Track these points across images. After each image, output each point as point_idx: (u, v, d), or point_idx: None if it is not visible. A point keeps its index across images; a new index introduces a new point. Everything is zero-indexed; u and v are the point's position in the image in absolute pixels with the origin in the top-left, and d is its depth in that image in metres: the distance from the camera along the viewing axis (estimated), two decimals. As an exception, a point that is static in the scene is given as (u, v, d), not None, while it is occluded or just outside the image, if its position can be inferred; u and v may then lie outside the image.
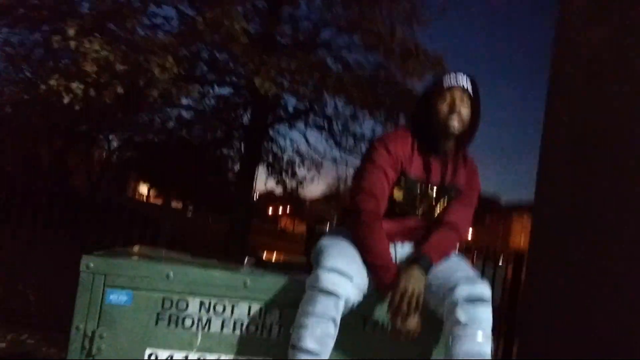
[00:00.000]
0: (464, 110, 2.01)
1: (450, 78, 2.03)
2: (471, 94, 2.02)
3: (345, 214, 2.11)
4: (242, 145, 10.34)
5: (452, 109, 2.00)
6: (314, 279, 1.77)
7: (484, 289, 1.82)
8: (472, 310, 1.79)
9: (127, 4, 5.90)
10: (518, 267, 5.38)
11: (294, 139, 13.95)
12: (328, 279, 1.75)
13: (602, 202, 4.28)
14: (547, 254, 4.80)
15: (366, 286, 1.89)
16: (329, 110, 9.12)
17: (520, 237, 31.02)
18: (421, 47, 7.18)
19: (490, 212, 35.87)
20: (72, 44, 5.02)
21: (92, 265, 1.81)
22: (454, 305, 1.81)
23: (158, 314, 1.84)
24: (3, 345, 3.90)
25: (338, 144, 9.44)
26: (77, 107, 5.44)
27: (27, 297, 5.00)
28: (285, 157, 11.18)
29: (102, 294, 1.81)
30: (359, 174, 2.05)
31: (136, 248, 2.54)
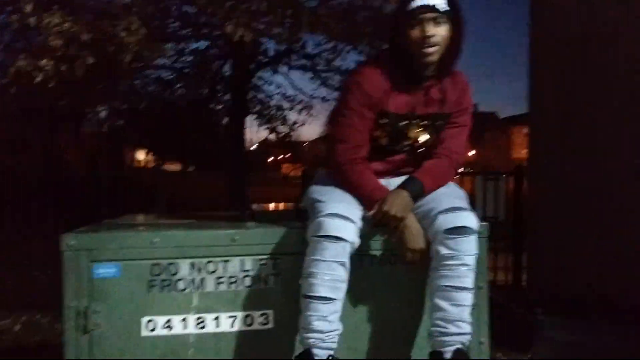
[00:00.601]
0: (439, 31, 1.78)
1: (411, 1, 1.80)
2: (445, 9, 1.78)
3: (325, 164, 2.05)
4: (229, 97, 10.16)
5: (423, 34, 1.77)
6: (317, 226, 1.73)
7: (466, 219, 1.77)
8: (452, 242, 1.75)
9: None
10: (519, 178, 5.39)
11: (280, 84, 13.45)
12: (332, 225, 1.71)
13: (595, 105, 4.21)
14: (546, 164, 4.78)
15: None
16: (310, 49, 8.89)
17: (520, 150, 31.01)
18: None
19: (489, 128, 35.73)
20: (32, 20, 4.83)
21: (73, 242, 1.76)
22: (434, 236, 1.78)
23: (150, 281, 1.81)
24: (18, 327, 3.94)
25: (324, 83, 9.27)
26: (50, 85, 5.28)
27: (37, 278, 5.04)
28: (273, 103, 11.01)
29: (89, 270, 1.77)
30: (334, 118, 1.95)
31: (130, 217, 2.50)
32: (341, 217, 1.72)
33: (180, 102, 10.37)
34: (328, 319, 1.71)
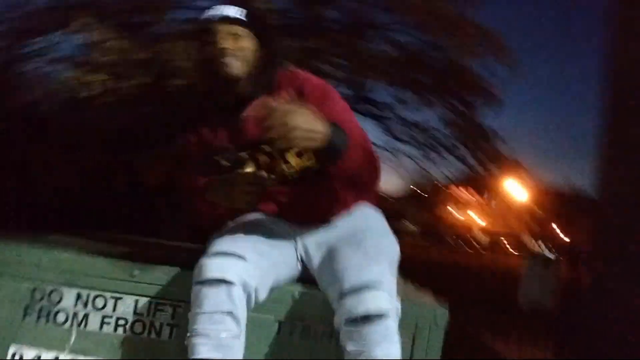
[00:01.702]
0: (238, 42, 1.59)
1: (208, 12, 1.61)
2: (244, 20, 1.59)
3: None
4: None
5: (219, 45, 1.57)
6: (196, 271, 1.42)
7: (374, 300, 1.35)
8: (360, 335, 1.34)
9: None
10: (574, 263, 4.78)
11: None
12: (211, 266, 1.39)
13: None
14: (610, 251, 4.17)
15: (277, 266, 1.54)
16: (377, 96, 8.60)
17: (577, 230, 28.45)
18: (476, 23, 6.56)
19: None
20: (84, 36, 4.96)
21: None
22: (337, 326, 1.39)
23: (26, 307, 1.56)
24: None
25: (388, 131, 8.91)
26: (97, 101, 5.37)
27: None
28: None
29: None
30: None
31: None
32: (223, 255, 1.41)
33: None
34: None
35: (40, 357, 1.54)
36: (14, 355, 1.54)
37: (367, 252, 1.49)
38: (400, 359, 1.36)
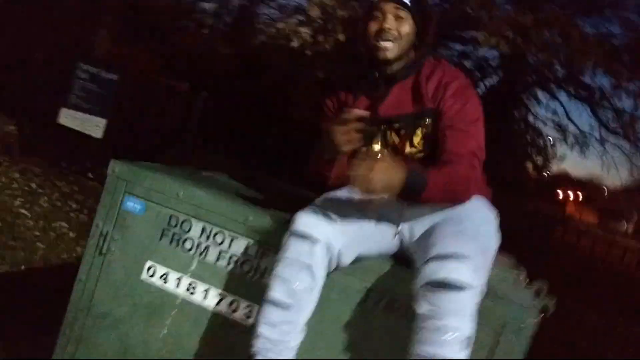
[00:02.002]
0: (399, 26, 1.65)
1: None
2: (408, 4, 1.64)
3: None
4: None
5: (380, 26, 1.64)
6: (291, 221, 1.54)
7: (457, 271, 1.34)
8: (434, 299, 1.34)
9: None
10: None
11: (555, 110, 11.78)
12: (301, 220, 1.51)
13: None
14: None
15: (369, 238, 1.60)
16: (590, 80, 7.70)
17: None
18: None
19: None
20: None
21: (117, 170, 1.87)
22: (415, 289, 1.40)
23: (164, 230, 1.83)
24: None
25: (599, 119, 7.99)
26: (307, 52, 5.72)
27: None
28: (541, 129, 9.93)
29: (122, 199, 1.87)
30: None
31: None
32: (315, 214, 1.51)
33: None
34: (279, 327, 1.50)
35: (168, 274, 1.81)
36: (149, 268, 1.83)
37: (464, 230, 1.49)
38: (471, 336, 1.35)
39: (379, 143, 1.72)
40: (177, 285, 1.80)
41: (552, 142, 9.83)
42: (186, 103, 6.50)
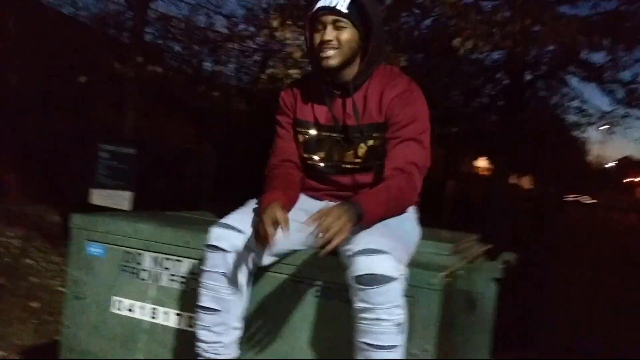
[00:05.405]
0: (340, 34, 1.69)
1: (316, 3, 1.70)
2: (345, 12, 1.67)
3: None
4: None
5: (321, 37, 1.70)
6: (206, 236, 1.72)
7: (379, 264, 1.46)
8: (365, 296, 1.48)
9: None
10: None
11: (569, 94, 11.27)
12: (213, 234, 1.68)
13: None
14: None
15: (288, 236, 1.71)
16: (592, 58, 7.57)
17: None
18: None
19: None
20: (278, 34, 5.54)
21: (77, 222, 2.11)
22: (347, 281, 1.53)
23: (122, 266, 2.04)
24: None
25: (612, 96, 7.81)
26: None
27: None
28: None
29: (85, 247, 2.10)
30: None
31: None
32: (226, 227, 1.66)
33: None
34: (212, 329, 1.68)
35: (133, 304, 2.01)
36: (116, 303, 2.03)
37: (387, 223, 1.63)
38: (403, 322, 1.50)
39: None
40: (142, 313, 1.99)
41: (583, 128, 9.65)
42: (203, 161, 6.85)
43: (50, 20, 9.07)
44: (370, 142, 1.77)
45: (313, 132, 1.82)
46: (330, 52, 1.69)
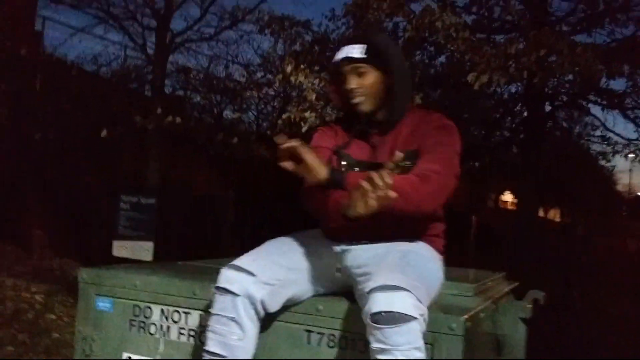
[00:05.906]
0: (362, 81, 1.75)
1: (335, 55, 1.80)
2: (362, 57, 1.73)
3: None
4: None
5: (346, 86, 1.76)
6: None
7: (401, 302, 1.38)
8: (382, 336, 1.39)
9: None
10: None
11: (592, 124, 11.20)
12: (223, 277, 1.63)
13: None
14: None
15: (300, 282, 1.70)
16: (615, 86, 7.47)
17: None
18: None
19: None
20: (293, 78, 5.60)
21: (85, 276, 2.06)
22: (363, 318, 1.45)
23: (131, 321, 1.97)
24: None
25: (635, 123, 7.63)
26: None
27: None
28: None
29: (94, 301, 2.04)
30: None
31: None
32: (236, 269, 1.61)
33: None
34: None
35: (141, 360, 1.93)
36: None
37: (409, 262, 1.57)
38: None
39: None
40: (153, 370, 1.91)
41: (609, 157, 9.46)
42: (223, 208, 6.85)
43: (74, 78, 9.35)
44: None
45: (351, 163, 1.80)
46: (359, 99, 1.75)
